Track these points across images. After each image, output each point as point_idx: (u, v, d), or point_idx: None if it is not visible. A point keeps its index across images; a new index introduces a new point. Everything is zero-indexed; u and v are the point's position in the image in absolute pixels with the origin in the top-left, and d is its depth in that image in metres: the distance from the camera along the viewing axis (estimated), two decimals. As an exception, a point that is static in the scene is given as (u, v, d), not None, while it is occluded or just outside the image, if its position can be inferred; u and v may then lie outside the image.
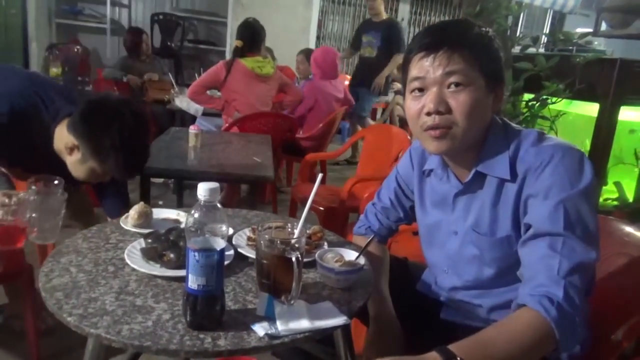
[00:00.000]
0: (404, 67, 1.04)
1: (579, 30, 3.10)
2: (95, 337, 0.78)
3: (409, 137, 2.67)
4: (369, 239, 1.14)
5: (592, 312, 1.00)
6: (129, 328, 0.79)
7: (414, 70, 0.99)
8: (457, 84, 0.94)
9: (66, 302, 0.85)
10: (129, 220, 1.20)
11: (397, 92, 6.75)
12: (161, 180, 3.64)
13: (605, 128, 2.33)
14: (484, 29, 0.99)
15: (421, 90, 0.99)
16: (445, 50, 0.94)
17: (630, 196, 2.17)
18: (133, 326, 0.79)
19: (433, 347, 0.91)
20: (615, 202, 2.11)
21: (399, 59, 4.68)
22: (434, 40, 0.96)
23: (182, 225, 1.19)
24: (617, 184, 2.11)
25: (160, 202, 3.35)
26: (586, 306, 0.88)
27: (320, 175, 1.04)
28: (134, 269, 0.98)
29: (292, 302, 0.87)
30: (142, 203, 1.23)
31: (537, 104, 2.51)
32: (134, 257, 1.02)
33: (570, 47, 2.95)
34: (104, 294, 0.89)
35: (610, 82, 2.27)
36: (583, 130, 2.47)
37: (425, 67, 0.96)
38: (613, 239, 1.16)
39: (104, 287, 0.91)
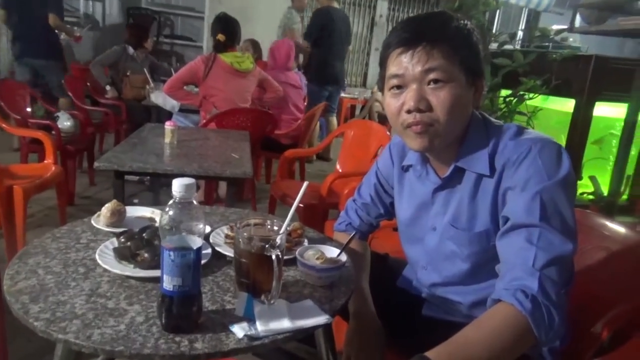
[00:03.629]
0: (382, 63, 1.02)
1: (555, 27, 3.13)
2: (64, 342, 0.74)
3: (388, 133, 2.67)
4: (351, 236, 1.12)
5: (572, 306, 1.00)
6: (100, 332, 0.75)
7: (393, 67, 0.97)
8: (437, 81, 0.93)
9: (33, 306, 0.80)
10: (101, 219, 1.16)
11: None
12: (136, 177, 3.56)
13: (580, 123, 2.36)
14: (462, 21, 0.97)
15: (400, 87, 0.97)
16: (424, 45, 0.92)
17: (605, 190, 2.21)
18: (105, 330, 0.76)
19: (414, 344, 0.90)
20: (591, 197, 2.14)
21: None
22: (412, 35, 0.94)
23: (157, 224, 1.16)
24: (593, 178, 2.15)
25: (136, 201, 3.30)
26: (565, 299, 0.87)
27: (306, 183, 1.01)
28: (105, 270, 0.94)
29: (272, 301, 0.85)
30: (114, 201, 1.19)
31: (514, 100, 2.54)
32: (106, 257, 0.98)
33: (546, 44, 2.99)
34: (73, 296, 0.85)
35: (585, 78, 2.31)
36: (559, 125, 2.50)
37: (404, 63, 0.94)
38: (592, 233, 1.17)
39: (74, 289, 0.87)
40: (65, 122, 3.43)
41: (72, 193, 3.28)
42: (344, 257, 1.03)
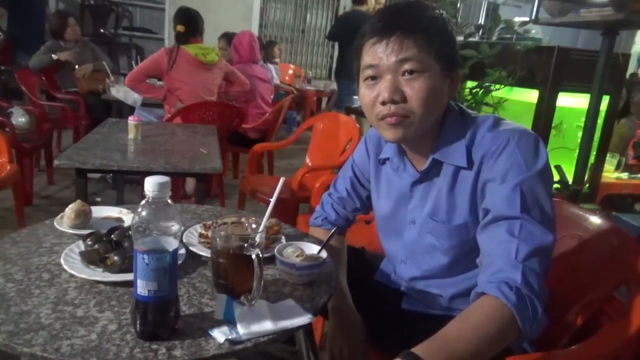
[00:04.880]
0: (357, 53, 1.00)
1: (517, 19, 3.19)
2: (30, 356, 0.68)
3: (357, 126, 2.65)
4: (331, 231, 1.10)
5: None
6: (69, 343, 0.70)
7: (367, 58, 0.96)
8: (411, 72, 0.92)
9: (-7, 317, 0.74)
10: (64, 221, 1.09)
11: None
12: (98, 175, 3.42)
13: (544, 114, 2.41)
14: (437, 11, 0.97)
15: (374, 78, 0.95)
16: (398, 35, 0.91)
17: (570, 179, 2.27)
18: (74, 341, 0.71)
19: (394, 338, 0.89)
20: (557, 185, 2.19)
21: None
22: (386, 24, 0.93)
23: (126, 224, 1.10)
24: (558, 168, 2.19)
25: (98, 199, 3.19)
26: (545, 290, 0.88)
27: (282, 179, 0.98)
28: (72, 275, 0.89)
29: (253, 302, 0.81)
30: (79, 201, 1.12)
31: (480, 91, 2.57)
32: (72, 261, 0.93)
33: (509, 36, 3.03)
34: (38, 305, 0.79)
35: (548, 69, 2.35)
36: (523, 116, 2.54)
37: (378, 53, 0.93)
38: (565, 221, 1.19)
39: (38, 297, 0.81)
40: (19, 118, 3.26)
41: (30, 193, 3.12)
42: (324, 254, 1.01)
